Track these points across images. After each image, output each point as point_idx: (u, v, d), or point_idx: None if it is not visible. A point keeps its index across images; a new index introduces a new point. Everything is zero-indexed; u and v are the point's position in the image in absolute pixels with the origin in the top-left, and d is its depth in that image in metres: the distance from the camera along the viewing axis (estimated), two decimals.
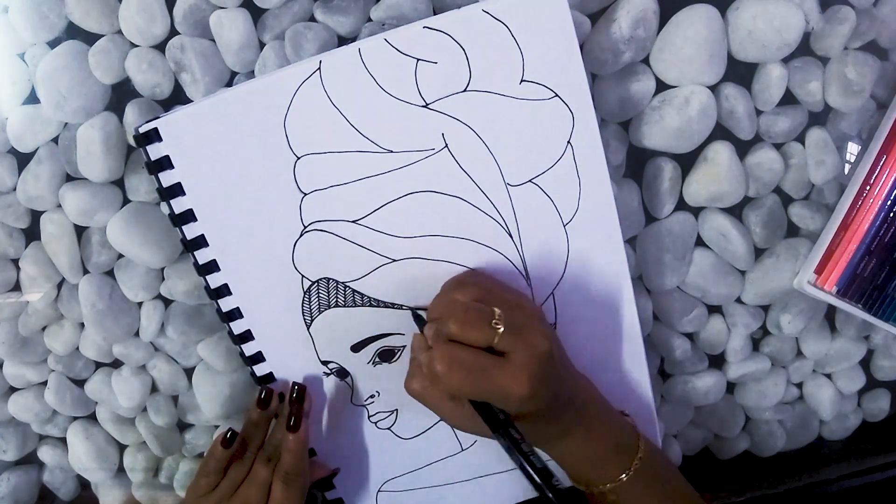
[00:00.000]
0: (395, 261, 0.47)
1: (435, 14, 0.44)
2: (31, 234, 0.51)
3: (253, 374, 0.50)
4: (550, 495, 0.41)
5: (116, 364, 0.55)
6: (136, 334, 0.53)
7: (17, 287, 0.53)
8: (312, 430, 0.51)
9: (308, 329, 0.49)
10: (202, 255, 0.46)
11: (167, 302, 0.52)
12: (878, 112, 0.53)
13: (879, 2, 0.50)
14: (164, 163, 0.44)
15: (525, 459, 0.41)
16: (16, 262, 0.52)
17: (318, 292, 0.48)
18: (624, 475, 0.44)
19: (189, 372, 0.55)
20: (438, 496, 0.56)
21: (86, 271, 0.51)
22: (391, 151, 0.44)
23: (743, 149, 0.52)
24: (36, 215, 0.51)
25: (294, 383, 0.49)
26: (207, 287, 0.47)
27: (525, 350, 0.39)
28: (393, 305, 0.48)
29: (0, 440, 0.57)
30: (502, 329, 0.39)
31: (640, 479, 0.44)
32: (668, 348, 0.57)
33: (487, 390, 0.39)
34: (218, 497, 0.47)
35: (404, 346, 0.50)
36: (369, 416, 0.52)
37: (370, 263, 0.47)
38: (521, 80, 0.44)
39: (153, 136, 0.43)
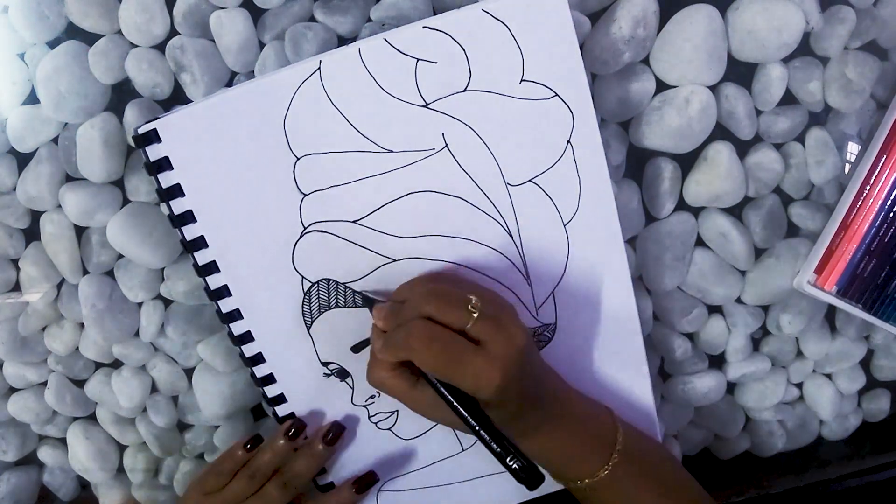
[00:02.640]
0: (395, 261, 0.47)
1: (435, 14, 0.44)
2: (31, 234, 0.51)
3: (253, 374, 0.50)
4: (515, 466, 0.40)
5: (116, 364, 0.55)
6: (136, 334, 0.53)
7: (17, 287, 0.53)
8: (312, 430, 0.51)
9: (308, 330, 0.49)
10: (202, 256, 0.46)
11: (167, 302, 0.52)
12: (878, 112, 0.53)
13: (879, 2, 0.50)
14: (164, 164, 0.44)
15: (491, 436, 0.40)
16: (16, 262, 0.52)
17: (318, 293, 0.48)
18: (603, 471, 0.43)
19: (189, 372, 0.55)
20: (439, 496, 0.56)
21: (86, 271, 0.51)
22: (391, 151, 0.44)
23: (743, 149, 0.52)
24: (36, 215, 0.51)
25: (333, 424, 0.50)
26: (207, 288, 0.47)
27: (502, 341, 0.39)
28: None
29: (0, 440, 0.57)
30: (477, 315, 0.39)
31: (623, 473, 0.43)
32: (668, 348, 0.57)
33: (461, 372, 0.38)
34: (221, 501, 0.47)
35: None
36: (370, 417, 0.52)
37: (370, 264, 0.47)
38: (521, 80, 0.44)
39: (152, 136, 0.43)
